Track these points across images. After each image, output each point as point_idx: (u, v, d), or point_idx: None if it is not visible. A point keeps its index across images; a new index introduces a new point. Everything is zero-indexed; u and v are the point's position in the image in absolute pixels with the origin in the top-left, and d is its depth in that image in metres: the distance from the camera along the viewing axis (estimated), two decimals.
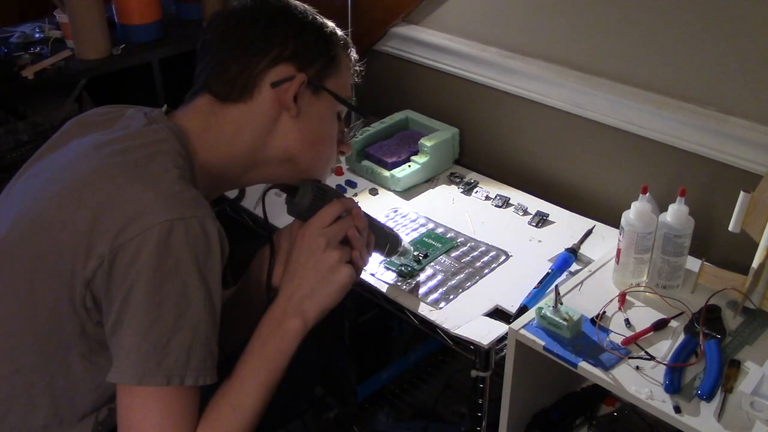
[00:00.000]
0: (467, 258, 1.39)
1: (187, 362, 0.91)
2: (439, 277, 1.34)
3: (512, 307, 1.25)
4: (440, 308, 1.26)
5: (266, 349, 1.02)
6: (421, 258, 1.37)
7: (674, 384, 1.02)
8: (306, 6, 1.11)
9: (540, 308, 1.14)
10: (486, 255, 1.39)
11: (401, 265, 1.34)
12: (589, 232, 1.41)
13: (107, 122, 1.06)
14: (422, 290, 1.30)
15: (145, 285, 0.88)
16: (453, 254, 1.40)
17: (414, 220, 1.50)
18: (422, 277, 1.34)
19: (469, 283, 1.32)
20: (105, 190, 0.92)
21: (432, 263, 1.37)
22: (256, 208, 1.55)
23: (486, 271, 1.35)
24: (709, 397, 1.01)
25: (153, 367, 0.90)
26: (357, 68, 1.17)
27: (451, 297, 1.28)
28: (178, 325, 0.90)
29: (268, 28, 1.05)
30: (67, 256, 0.90)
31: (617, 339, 1.12)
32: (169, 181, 0.94)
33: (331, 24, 1.11)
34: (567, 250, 1.36)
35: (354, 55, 1.15)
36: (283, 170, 1.11)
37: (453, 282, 1.32)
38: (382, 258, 1.31)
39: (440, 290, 1.30)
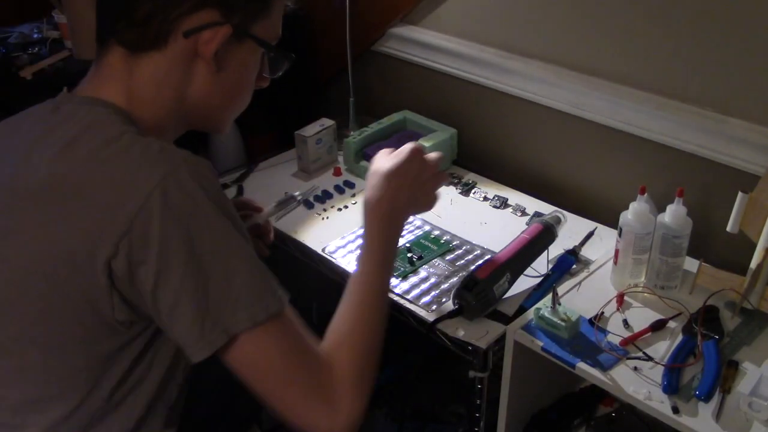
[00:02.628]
0: (462, 261, 1.38)
1: (261, 295, 0.88)
2: (432, 280, 1.33)
3: (511, 308, 1.25)
4: (432, 310, 1.26)
5: (383, 240, 1.06)
6: (415, 259, 1.37)
7: (672, 384, 1.02)
8: None
9: (538, 309, 1.14)
10: (481, 258, 1.38)
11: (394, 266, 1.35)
12: (590, 234, 1.41)
13: (13, 124, 0.99)
14: (414, 293, 1.30)
15: (176, 255, 0.83)
16: (448, 257, 1.39)
17: (410, 222, 1.50)
18: (415, 279, 1.33)
19: None
20: (76, 194, 0.85)
21: (426, 266, 1.37)
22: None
23: None
24: (707, 398, 1.01)
25: (228, 315, 0.85)
26: None
27: (444, 300, 1.28)
28: (231, 269, 0.86)
29: None
30: (76, 279, 0.85)
31: (615, 339, 1.12)
32: (130, 143, 0.87)
33: None
34: (567, 251, 1.35)
35: None
36: (201, 121, 1.03)
37: (445, 285, 1.32)
38: None
39: (432, 293, 1.30)
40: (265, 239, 1.29)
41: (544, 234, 1.31)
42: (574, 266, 1.34)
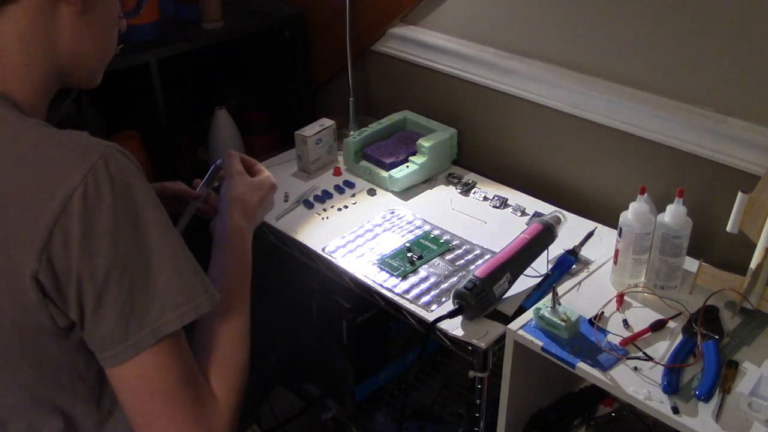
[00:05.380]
0: (461, 261, 1.38)
1: (191, 294, 0.85)
2: (432, 279, 1.33)
3: (511, 308, 1.25)
4: (432, 310, 1.26)
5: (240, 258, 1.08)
6: (415, 259, 1.37)
7: (672, 384, 1.02)
8: None
9: (538, 309, 1.14)
10: (481, 258, 1.38)
11: (394, 266, 1.34)
12: (590, 234, 1.41)
13: None
14: (414, 292, 1.30)
15: (98, 254, 0.79)
16: (447, 257, 1.39)
17: (410, 222, 1.50)
18: (415, 279, 1.33)
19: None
20: None
21: (425, 265, 1.37)
22: None
23: None
24: (707, 398, 1.01)
25: (155, 316, 0.82)
26: None
27: (444, 300, 1.28)
28: (156, 267, 0.83)
29: None
30: (7, 296, 0.81)
31: (615, 339, 1.12)
32: (40, 138, 0.81)
33: None
34: (567, 251, 1.35)
35: None
36: (75, 73, 0.97)
37: (445, 285, 1.32)
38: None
39: (432, 293, 1.30)
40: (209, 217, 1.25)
41: (544, 234, 1.31)
42: (574, 266, 1.34)
